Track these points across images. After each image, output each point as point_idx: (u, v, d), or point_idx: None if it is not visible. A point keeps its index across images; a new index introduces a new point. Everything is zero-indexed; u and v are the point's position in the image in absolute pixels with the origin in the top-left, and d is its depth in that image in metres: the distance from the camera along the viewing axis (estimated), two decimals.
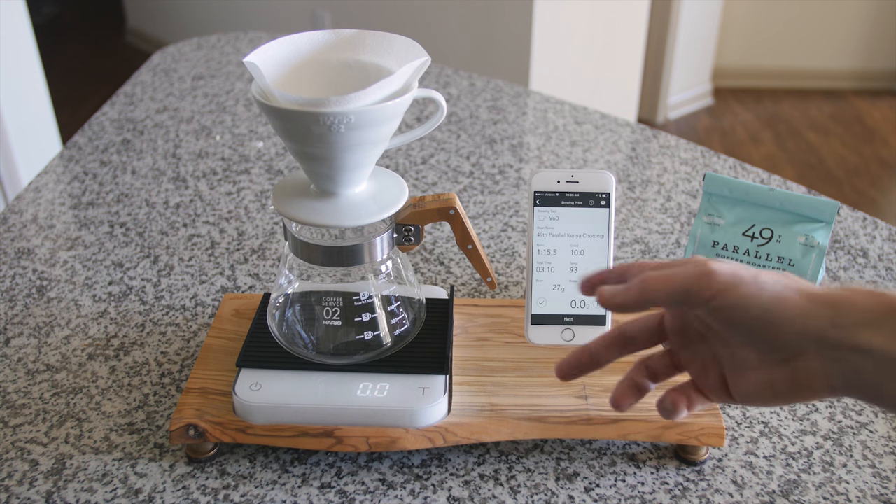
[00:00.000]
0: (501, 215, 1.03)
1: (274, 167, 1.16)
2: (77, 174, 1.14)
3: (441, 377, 0.67)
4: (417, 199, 0.68)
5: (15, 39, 1.92)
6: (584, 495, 0.64)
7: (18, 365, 0.78)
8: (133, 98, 1.39)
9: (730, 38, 3.58)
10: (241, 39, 1.65)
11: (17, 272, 0.92)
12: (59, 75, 3.31)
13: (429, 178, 1.12)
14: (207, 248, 0.97)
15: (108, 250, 0.96)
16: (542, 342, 0.67)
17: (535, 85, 2.45)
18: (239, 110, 1.34)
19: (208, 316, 0.85)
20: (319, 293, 0.69)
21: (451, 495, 0.64)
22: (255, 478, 0.66)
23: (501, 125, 1.29)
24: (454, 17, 2.56)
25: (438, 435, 0.65)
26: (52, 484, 0.65)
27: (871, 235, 0.99)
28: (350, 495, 0.64)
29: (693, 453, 0.67)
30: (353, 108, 0.56)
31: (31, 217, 1.04)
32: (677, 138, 1.26)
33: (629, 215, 1.04)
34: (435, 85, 1.43)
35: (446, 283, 0.90)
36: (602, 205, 0.65)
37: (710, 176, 0.83)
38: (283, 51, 0.62)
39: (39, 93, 2.01)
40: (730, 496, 0.64)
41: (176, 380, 0.76)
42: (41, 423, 0.71)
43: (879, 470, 0.67)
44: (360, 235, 0.65)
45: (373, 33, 0.64)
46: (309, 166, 0.63)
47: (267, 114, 0.59)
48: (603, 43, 2.61)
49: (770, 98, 3.61)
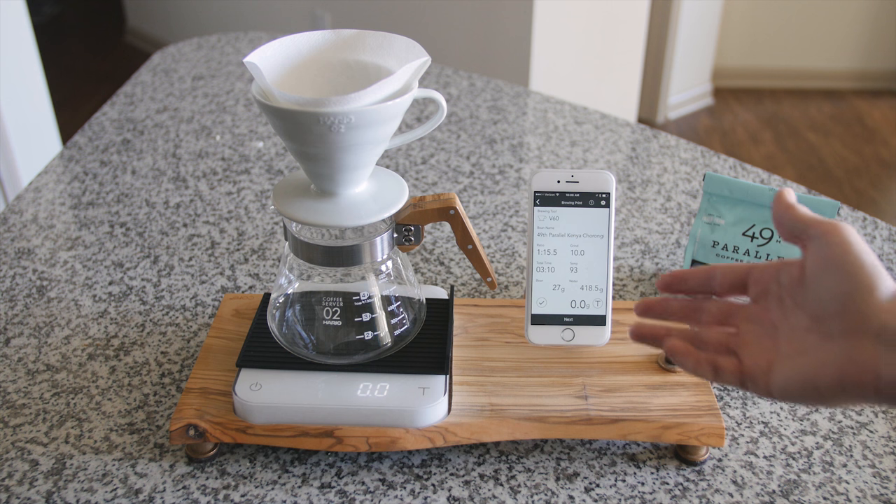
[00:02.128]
0: (501, 215, 1.03)
1: (274, 167, 1.16)
2: (77, 174, 1.14)
3: (441, 377, 0.67)
4: (417, 199, 0.68)
5: (15, 39, 1.92)
6: (584, 495, 0.64)
7: (18, 365, 0.78)
8: (133, 98, 1.39)
9: (730, 38, 3.58)
10: (241, 39, 1.65)
11: (17, 272, 0.93)
12: (59, 75, 3.31)
13: (429, 178, 1.12)
14: (207, 248, 0.97)
15: (109, 250, 0.96)
16: (542, 342, 0.67)
17: (535, 85, 2.45)
18: (239, 110, 1.34)
19: (208, 316, 0.85)
20: (319, 293, 0.69)
21: (451, 495, 0.64)
22: (255, 478, 0.66)
23: (501, 125, 1.29)
24: (454, 17, 2.56)
25: (438, 435, 0.65)
26: (52, 484, 0.65)
27: (871, 235, 0.99)
28: (350, 495, 0.64)
29: (693, 453, 0.67)
30: (353, 108, 0.56)
31: (31, 217, 1.04)
32: (677, 138, 1.26)
33: (629, 215, 1.04)
34: (435, 85, 1.43)
35: (446, 283, 0.90)
36: (602, 205, 0.65)
37: (710, 176, 0.83)
38: (283, 51, 0.62)
39: (39, 93, 2.01)
40: (730, 496, 0.64)
41: (176, 380, 0.76)
42: (41, 423, 0.71)
43: (879, 470, 0.67)
44: (360, 235, 0.65)
45: (373, 33, 0.64)
46: (309, 166, 0.63)
47: (267, 114, 0.59)
48: (603, 43, 2.61)
49: (770, 98, 3.61)
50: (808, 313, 0.48)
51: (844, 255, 0.46)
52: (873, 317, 0.44)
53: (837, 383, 0.45)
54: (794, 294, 0.49)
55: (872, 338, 0.44)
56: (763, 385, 0.49)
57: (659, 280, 0.56)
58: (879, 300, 0.45)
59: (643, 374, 0.70)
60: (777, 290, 0.50)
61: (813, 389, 0.46)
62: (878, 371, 0.43)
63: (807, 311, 0.48)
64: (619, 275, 0.92)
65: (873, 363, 0.44)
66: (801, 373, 0.47)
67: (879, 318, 0.44)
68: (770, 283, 0.51)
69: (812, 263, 0.48)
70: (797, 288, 0.49)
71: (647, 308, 0.56)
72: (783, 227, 0.51)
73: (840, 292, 0.46)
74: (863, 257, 0.46)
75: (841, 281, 0.46)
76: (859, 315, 0.45)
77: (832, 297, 0.46)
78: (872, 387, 0.44)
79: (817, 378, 0.46)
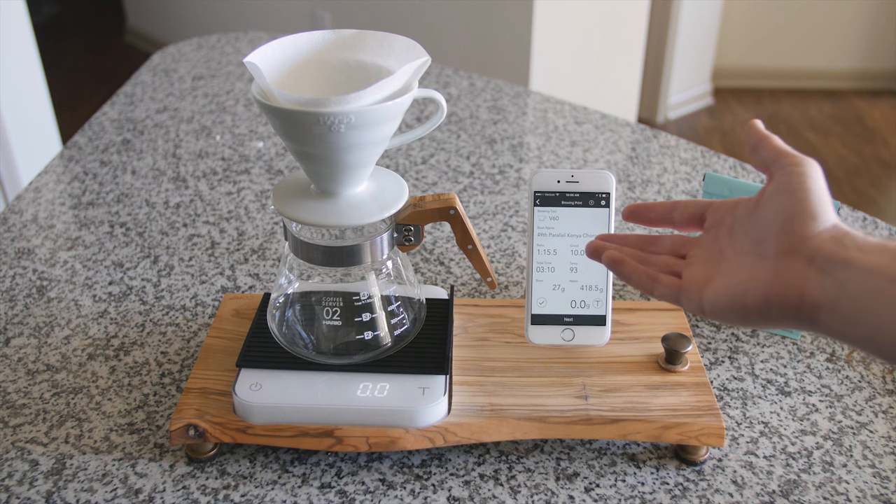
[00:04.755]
0: (501, 215, 1.03)
1: (274, 167, 1.16)
2: (77, 174, 1.14)
3: (441, 377, 0.67)
4: (417, 199, 0.68)
5: (15, 39, 1.92)
6: (584, 495, 0.64)
7: (18, 365, 0.78)
8: (133, 98, 1.39)
9: (730, 38, 3.58)
10: (241, 39, 1.65)
11: (17, 272, 0.93)
12: (59, 75, 3.31)
13: (429, 178, 1.12)
14: (207, 248, 0.97)
15: (109, 250, 0.96)
16: (542, 342, 0.67)
17: (535, 85, 2.45)
18: (239, 110, 1.34)
19: (208, 316, 0.85)
20: (319, 293, 0.69)
21: (451, 495, 0.64)
22: (255, 478, 0.66)
23: (501, 125, 1.29)
24: (454, 17, 2.56)
25: (438, 435, 0.65)
26: (52, 484, 0.65)
27: (870, 235, 0.99)
28: (350, 495, 0.64)
29: (693, 453, 0.67)
30: (353, 108, 0.56)
31: (31, 217, 1.04)
32: (677, 138, 1.26)
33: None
34: (435, 85, 1.43)
35: (446, 283, 0.90)
36: (602, 205, 0.65)
37: (710, 176, 0.83)
38: (283, 51, 0.62)
39: (39, 93, 2.01)
40: (730, 496, 0.64)
41: (176, 380, 0.76)
42: (41, 423, 0.71)
43: (879, 470, 0.67)
44: (360, 235, 0.65)
45: (373, 33, 0.64)
46: (309, 166, 0.63)
47: (267, 114, 0.59)
48: (603, 43, 2.61)
49: (770, 98, 3.61)
50: (753, 238, 0.49)
51: (800, 183, 0.48)
52: (808, 240, 0.46)
53: (763, 299, 0.46)
54: (745, 223, 0.51)
55: (804, 260, 0.45)
56: (696, 299, 0.50)
57: (625, 209, 0.58)
58: (818, 227, 0.46)
59: (643, 374, 0.70)
60: (730, 220, 0.52)
61: (741, 306, 0.47)
62: (803, 290, 0.45)
63: (751, 236, 0.50)
64: None
65: (800, 282, 0.45)
66: (731, 287, 0.48)
67: (814, 243, 0.46)
68: (725, 214, 0.53)
69: (769, 189, 0.50)
70: (749, 217, 0.51)
71: (605, 238, 0.58)
72: (758, 155, 0.52)
73: (784, 215, 0.48)
74: (815, 189, 0.48)
75: (788, 205, 0.48)
76: (796, 237, 0.46)
77: (775, 218, 0.48)
78: (795, 305, 0.45)
79: (746, 294, 0.47)
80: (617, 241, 0.57)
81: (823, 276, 0.44)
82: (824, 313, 0.44)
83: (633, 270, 0.54)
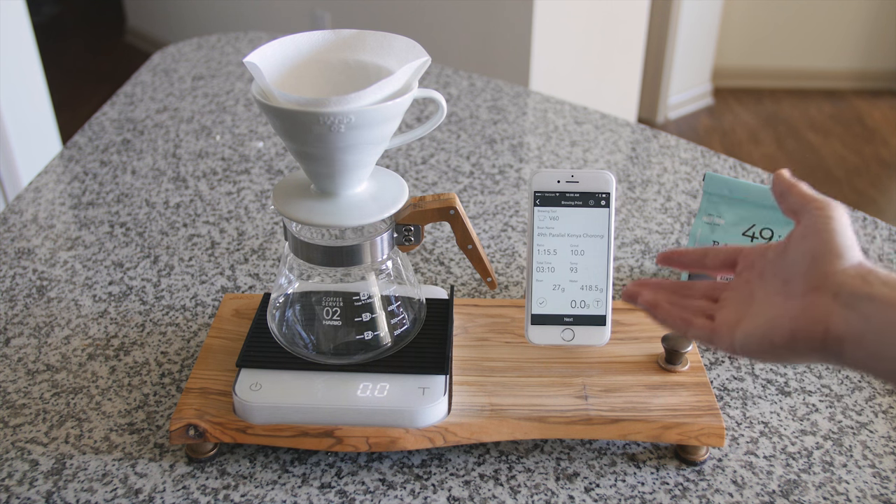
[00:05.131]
0: (501, 215, 1.03)
1: (274, 167, 1.16)
2: (77, 174, 1.14)
3: (441, 377, 0.67)
4: (417, 199, 0.68)
5: (15, 39, 1.92)
6: (584, 495, 0.64)
7: (18, 365, 0.78)
8: (133, 98, 1.39)
9: (730, 38, 3.58)
10: (241, 39, 1.65)
11: (17, 272, 0.93)
12: (59, 75, 3.31)
13: (429, 178, 1.12)
14: (207, 248, 0.97)
15: (108, 250, 0.96)
16: (542, 342, 0.67)
17: (535, 85, 2.45)
18: (239, 110, 1.34)
19: (208, 316, 0.85)
20: (319, 293, 0.69)
21: (451, 495, 0.64)
22: (255, 478, 0.66)
23: (501, 125, 1.29)
24: (454, 17, 2.56)
25: (438, 435, 0.65)
26: (52, 484, 0.65)
27: (871, 235, 0.99)
28: (350, 495, 0.64)
29: (693, 453, 0.67)
30: (353, 108, 0.56)
31: (31, 217, 1.04)
32: (677, 138, 1.26)
33: (629, 215, 1.04)
34: (435, 85, 1.43)
35: (446, 283, 0.90)
36: (602, 205, 0.65)
37: (710, 176, 0.83)
38: (283, 51, 0.62)
39: (39, 93, 2.01)
40: (730, 496, 0.64)
41: (176, 380, 0.76)
42: (41, 423, 0.71)
43: (879, 470, 0.67)
44: (360, 235, 0.65)
45: (373, 33, 0.64)
46: (309, 166, 0.63)
47: (267, 114, 0.59)
48: (603, 43, 2.61)
49: (770, 98, 3.61)
50: (781, 278, 0.50)
51: (825, 224, 0.49)
52: (833, 276, 0.47)
53: (790, 334, 0.47)
54: (774, 265, 0.52)
55: (830, 296, 0.46)
56: (728, 340, 0.51)
57: (659, 255, 0.60)
58: (843, 264, 0.48)
59: (643, 374, 0.70)
60: (761, 264, 0.53)
61: (769, 343, 0.48)
62: (827, 324, 0.46)
63: (780, 276, 0.51)
64: (619, 275, 0.92)
65: (825, 317, 0.46)
66: (759, 327, 0.49)
67: (839, 279, 0.47)
68: (756, 259, 0.54)
69: (797, 232, 0.51)
70: (778, 259, 0.52)
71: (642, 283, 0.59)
72: (786, 202, 0.54)
73: (811, 255, 0.49)
74: (840, 229, 0.49)
75: (814, 245, 0.49)
76: (822, 274, 0.48)
77: (803, 258, 0.49)
78: (820, 339, 0.46)
79: (773, 331, 0.48)
80: (653, 286, 0.59)
81: (848, 310, 0.45)
82: (849, 347, 0.45)
83: (668, 314, 0.55)
